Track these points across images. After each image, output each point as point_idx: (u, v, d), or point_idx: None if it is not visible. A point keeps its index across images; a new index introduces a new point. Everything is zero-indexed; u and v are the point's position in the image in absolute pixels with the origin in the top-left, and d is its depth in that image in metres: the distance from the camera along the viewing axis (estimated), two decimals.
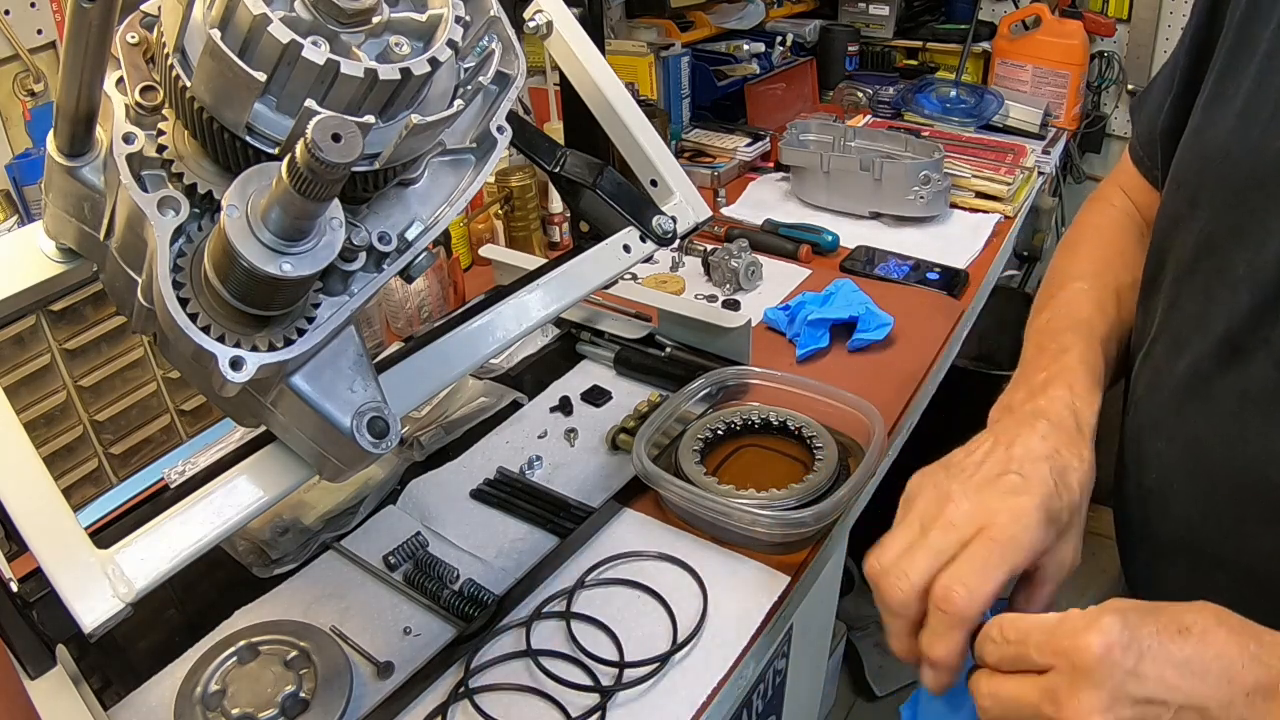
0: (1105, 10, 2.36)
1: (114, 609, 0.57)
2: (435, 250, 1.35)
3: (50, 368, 0.96)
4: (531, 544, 0.97)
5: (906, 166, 1.65)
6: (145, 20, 0.54)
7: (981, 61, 2.36)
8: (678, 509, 0.99)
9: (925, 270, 1.51)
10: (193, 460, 1.05)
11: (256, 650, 0.82)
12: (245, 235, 0.47)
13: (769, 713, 1.15)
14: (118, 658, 0.86)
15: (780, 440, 1.06)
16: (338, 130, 0.43)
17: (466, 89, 0.58)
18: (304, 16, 0.50)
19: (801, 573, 0.93)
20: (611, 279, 0.89)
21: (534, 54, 1.70)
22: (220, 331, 0.51)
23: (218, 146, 0.52)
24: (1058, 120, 2.19)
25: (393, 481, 1.06)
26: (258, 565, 0.95)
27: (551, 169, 0.92)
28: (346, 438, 0.57)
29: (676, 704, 0.80)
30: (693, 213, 0.93)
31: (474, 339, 0.78)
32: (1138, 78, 2.40)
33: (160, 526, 0.61)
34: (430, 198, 0.61)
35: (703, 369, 1.13)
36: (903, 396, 1.20)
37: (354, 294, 0.56)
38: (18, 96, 1.20)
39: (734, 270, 1.47)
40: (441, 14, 0.54)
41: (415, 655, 0.84)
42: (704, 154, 1.95)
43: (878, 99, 2.16)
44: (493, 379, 1.23)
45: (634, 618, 0.87)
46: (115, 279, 0.60)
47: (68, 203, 0.59)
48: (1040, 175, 1.91)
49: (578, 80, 0.92)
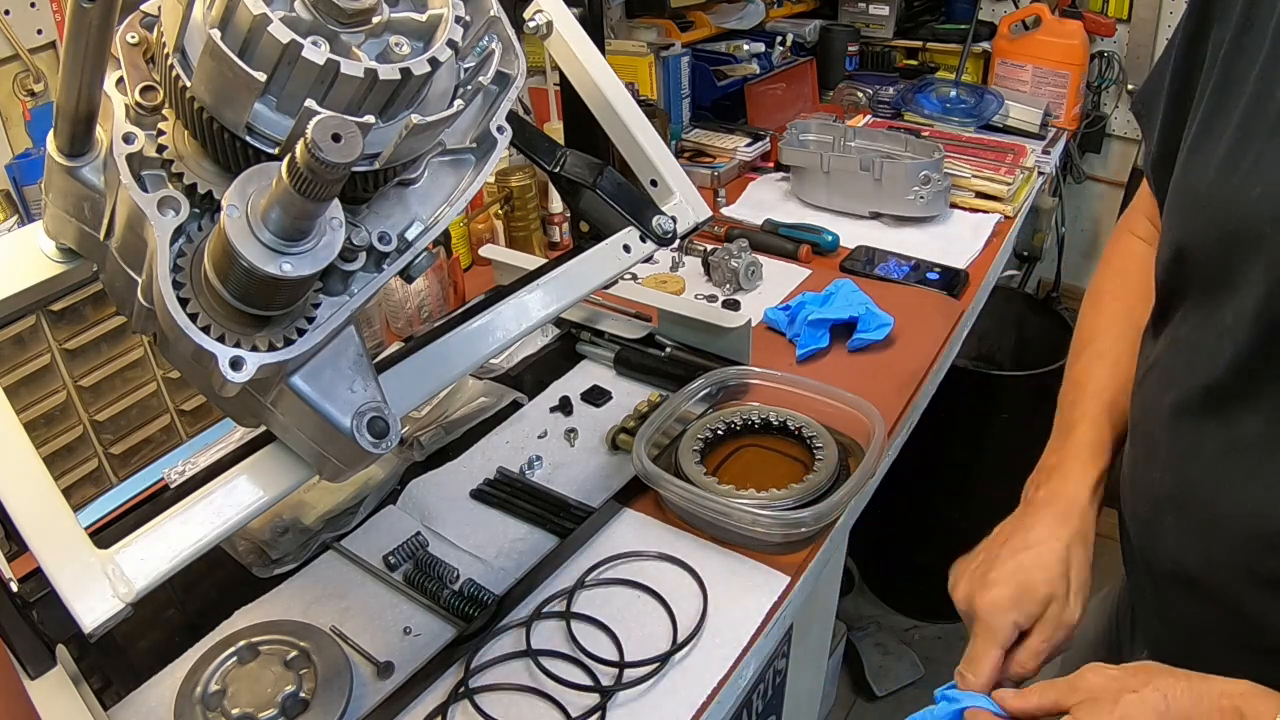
0: (1105, 10, 2.36)
1: (114, 609, 0.57)
2: (435, 250, 1.35)
3: (50, 368, 0.96)
4: (531, 544, 0.97)
5: (906, 166, 1.65)
6: (145, 20, 0.54)
7: (981, 61, 2.36)
8: (678, 509, 0.99)
9: (925, 270, 1.51)
10: (193, 460, 1.05)
11: (256, 650, 0.82)
12: (245, 235, 0.47)
13: (769, 713, 1.15)
14: (118, 658, 0.86)
15: (780, 440, 1.06)
16: (338, 130, 0.43)
17: (466, 89, 0.58)
18: (304, 16, 0.50)
19: (801, 573, 0.93)
20: (611, 279, 0.89)
21: (534, 54, 1.70)
22: (220, 331, 0.51)
23: (218, 146, 0.52)
24: (1058, 120, 2.19)
25: (393, 481, 1.06)
26: (258, 565, 0.95)
27: (551, 169, 0.92)
28: (346, 438, 0.57)
29: (676, 704, 0.80)
30: (693, 213, 0.93)
31: (474, 339, 0.78)
32: (1138, 78, 2.40)
33: (160, 526, 0.61)
34: (430, 198, 0.61)
35: (703, 369, 1.13)
36: (903, 396, 1.20)
37: (354, 294, 0.56)
38: (18, 96, 1.20)
39: (734, 270, 1.47)
40: (441, 14, 0.54)
41: (415, 655, 0.85)
42: (704, 154, 1.95)
43: (878, 99, 2.16)
44: (493, 379, 1.23)
45: (634, 618, 0.87)
46: (115, 279, 0.60)
47: (68, 203, 0.59)
48: (1040, 175, 1.91)
49: (578, 80, 0.92)
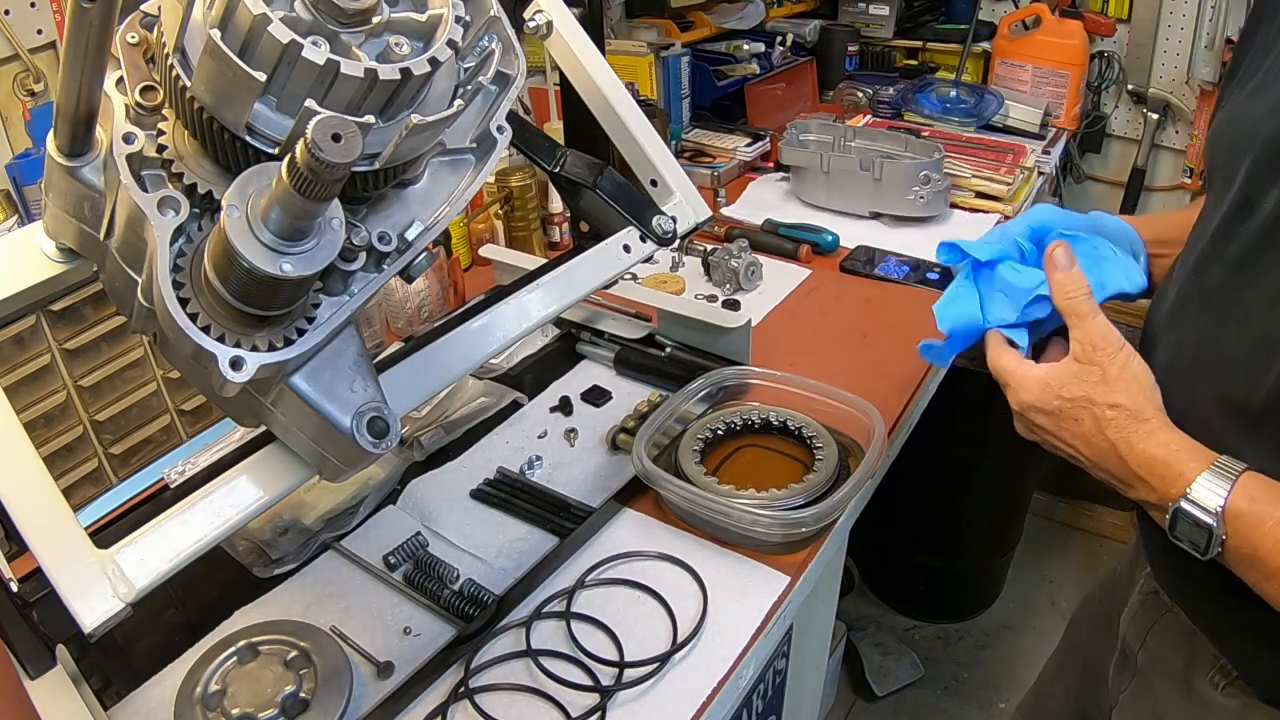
0: (1105, 10, 2.36)
1: (114, 609, 0.57)
2: (435, 250, 1.36)
3: (50, 368, 0.96)
4: (531, 544, 0.97)
5: (906, 166, 1.65)
6: (145, 20, 0.54)
7: (981, 61, 2.36)
8: (678, 509, 0.99)
9: (925, 270, 1.51)
10: (193, 460, 1.05)
11: (256, 650, 0.82)
12: (245, 235, 0.47)
13: (769, 713, 1.15)
14: (118, 658, 0.86)
15: (780, 440, 1.06)
16: (338, 130, 0.43)
17: (466, 89, 0.58)
18: (304, 16, 0.50)
19: (801, 573, 0.93)
20: (611, 279, 0.89)
21: (534, 54, 1.70)
22: (220, 331, 0.51)
23: (218, 146, 0.52)
24: (1058, 120, 2.19)
25: (393, 481, 1.06)
26: (258, 565, 0.95)
27: (551, 169, 0.92)
28: (346, 438, 0.57)
29: (676, 704, 0.80)
30: (693, 213, 0.93)
31: (474, 339, 0.78)
32: (1138, 78, 2.40)
33: (160, 526, 0.61)
34: (430, 198, 0.61)
35: (703, 369, 1.13)
36: (903, 396, 1.20)
37: (354, 294, 0.56)
38: (18, 96, 1.20)
39: (734, 270, 1.47)
40: (441, 14, 0.54)
41: (415, 655, 0.84)
42: (704, 154, 1.95)
43: (878, 99, 2.16)
44: (493, 379, 1.23)
45: (634, 618, 0.87)
46: (115, 279, 0.60)
47: (68, 203, 0.59)
48: (1040, 175, 1.91)
49: (578, 80, 0.92)
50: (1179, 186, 2.48)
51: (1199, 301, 0.72)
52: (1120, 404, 0.69)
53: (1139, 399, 0.69)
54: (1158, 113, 2.40)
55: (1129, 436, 0.69)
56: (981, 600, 2.29)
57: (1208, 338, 0.70)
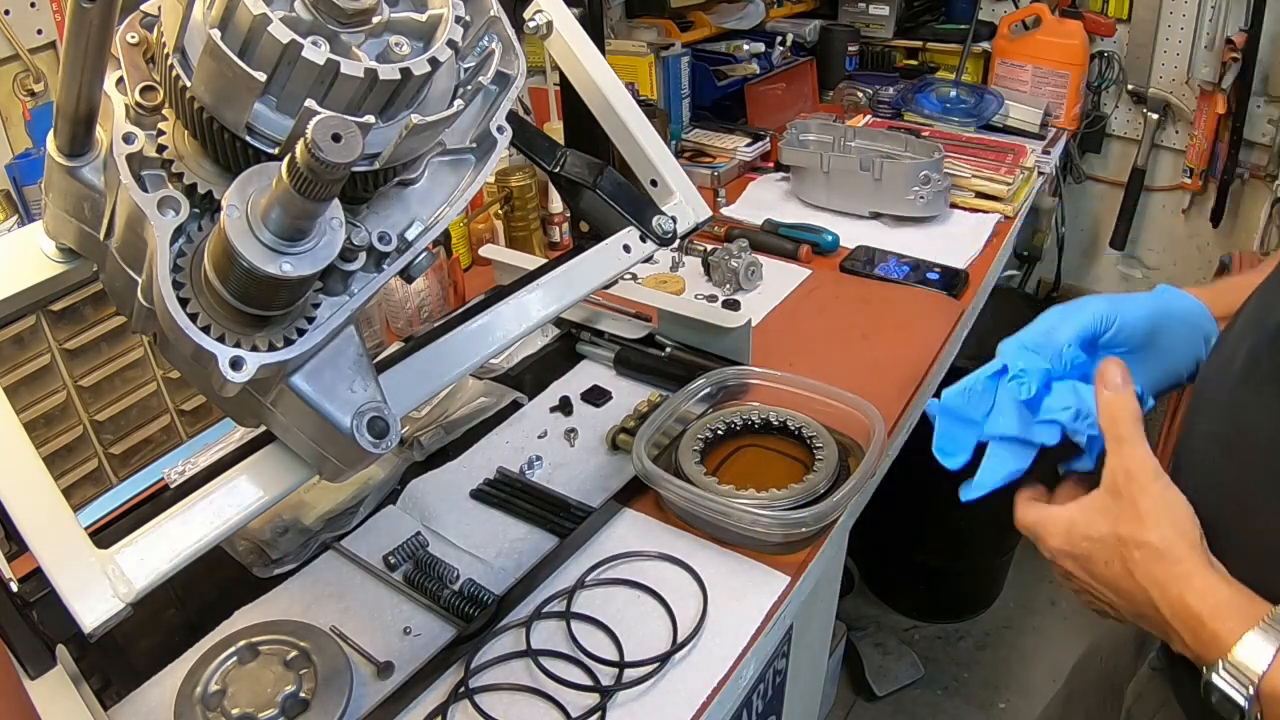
0: (1105, 10, 2.36)
1: (114, 609, 0.57)
2: (435, 250, 1.35)
3: (50, 368, 0.96)
4: (531, 544, 0.97)
5: (906, 166, 1.65)
6: (145, 20, 0.54)
7: (981, 61, 2.36)
8: (678, 509, 0.99)
9: (925, 270, 1.51)
10: (193, 460, 1.05)
11: (256, 650, 0.82)
12: (245, 235, 0.47)
13: (769, 713, 1.15)
14: (118, 658, 0.86)
15: (780, 440, 1.06)
16: (338, 130, 0.43)
17: (466, 89, 0.58)
18: (304, 16, 0.50)
19: (801, 573, 0.93)
20: (611, 279, 0.89)
21: (534, 54, 1.70)
22: (220, 331, 0.51)
23: (218, 146, 0.52)
24: (1058, 120, 2.19)
25: (393, 481, 1.06)
26: (258, 565, 0.95)
27: (551, 169, 0.92)
28: (346, 438, 0.57)
29: (676, 704, 0.80)
30: (693, 213, 0.93)
31: (474, 339, 0.78)
32: (1138, 78, 2.40)
33: (160, 526, 0.61)
34: (430, 198, 0.61)
35: (703, 369, 1.13)
36: (903, 396, 1.20)
37: (354, 294, 0.56)
38: (18, 96, 1.20)
39: (734, 270, 1.47)
40: (441, 14, 0.54)
41: (415, 655, 0.84)
42: (704, 154, 1.95)
43: (878, 99, 2.16)
44: (493, 379, 1.23)
45: (634, 618, 0.87)
46: (115, 279, 0.60)
47: (68, 203, 0.59)
48: (1040, 175, 1.91)
49: (578, 80, 0.92)
50: (1179, 187, 2.48)
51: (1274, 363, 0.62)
52: (1149, 542, 0.62)
53: (1171, 537, 0.61)
54: (1158, 113, 2.40)
55: (1161, 581, 0.61)
56: (981, 600, 2.29)
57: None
